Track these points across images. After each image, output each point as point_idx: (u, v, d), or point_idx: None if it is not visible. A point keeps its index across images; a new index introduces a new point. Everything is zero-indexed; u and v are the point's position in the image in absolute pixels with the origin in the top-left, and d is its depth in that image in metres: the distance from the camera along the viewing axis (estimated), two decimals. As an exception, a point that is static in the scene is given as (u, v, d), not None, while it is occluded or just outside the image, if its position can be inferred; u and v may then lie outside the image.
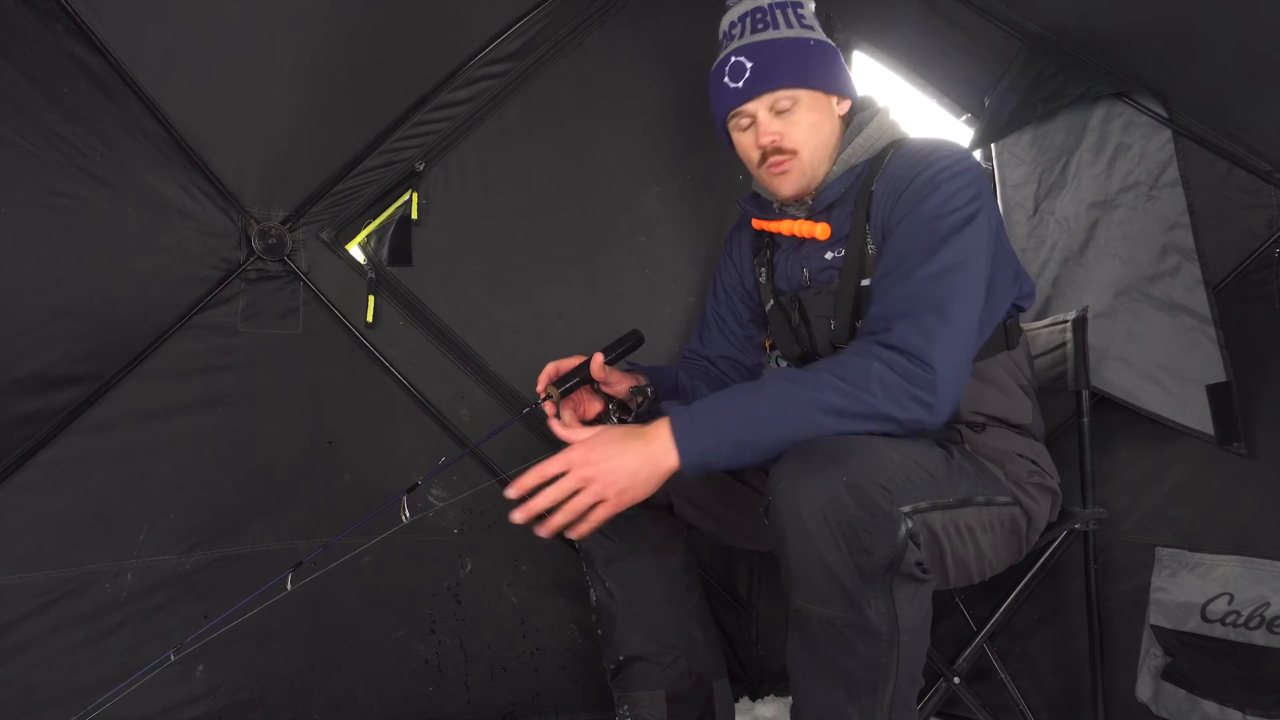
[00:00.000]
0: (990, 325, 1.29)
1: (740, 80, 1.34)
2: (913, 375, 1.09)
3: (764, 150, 1.35)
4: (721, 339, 1.66)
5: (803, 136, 1.34)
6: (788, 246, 1.48)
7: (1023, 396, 1.38)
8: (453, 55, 1.83)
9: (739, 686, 1.97)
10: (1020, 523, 1.29)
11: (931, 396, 1.10)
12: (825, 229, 1.37)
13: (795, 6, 1.38)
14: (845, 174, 1.36)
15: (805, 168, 1.35)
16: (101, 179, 1.54)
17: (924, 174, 1.24)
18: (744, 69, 1.33)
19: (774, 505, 1.03)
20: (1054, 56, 1.83)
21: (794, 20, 1.36)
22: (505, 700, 1.82)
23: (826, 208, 1.38)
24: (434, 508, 1.75)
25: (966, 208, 1.20)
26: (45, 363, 1.50)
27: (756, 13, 1.37)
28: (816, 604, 1.02)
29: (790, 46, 1.34)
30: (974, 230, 1.19)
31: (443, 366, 1.86)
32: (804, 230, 1.39)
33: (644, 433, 1.09)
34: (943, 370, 1.10)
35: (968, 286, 1.17)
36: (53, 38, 1.49)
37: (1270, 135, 1.62)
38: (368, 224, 1.83)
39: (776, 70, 1.32)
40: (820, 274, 1.40)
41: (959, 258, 1.17)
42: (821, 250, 1.39)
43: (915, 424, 1.11)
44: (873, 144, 1.37)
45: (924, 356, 1.10)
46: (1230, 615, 1.54)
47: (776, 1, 1.37)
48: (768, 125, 1.34)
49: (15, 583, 1.47)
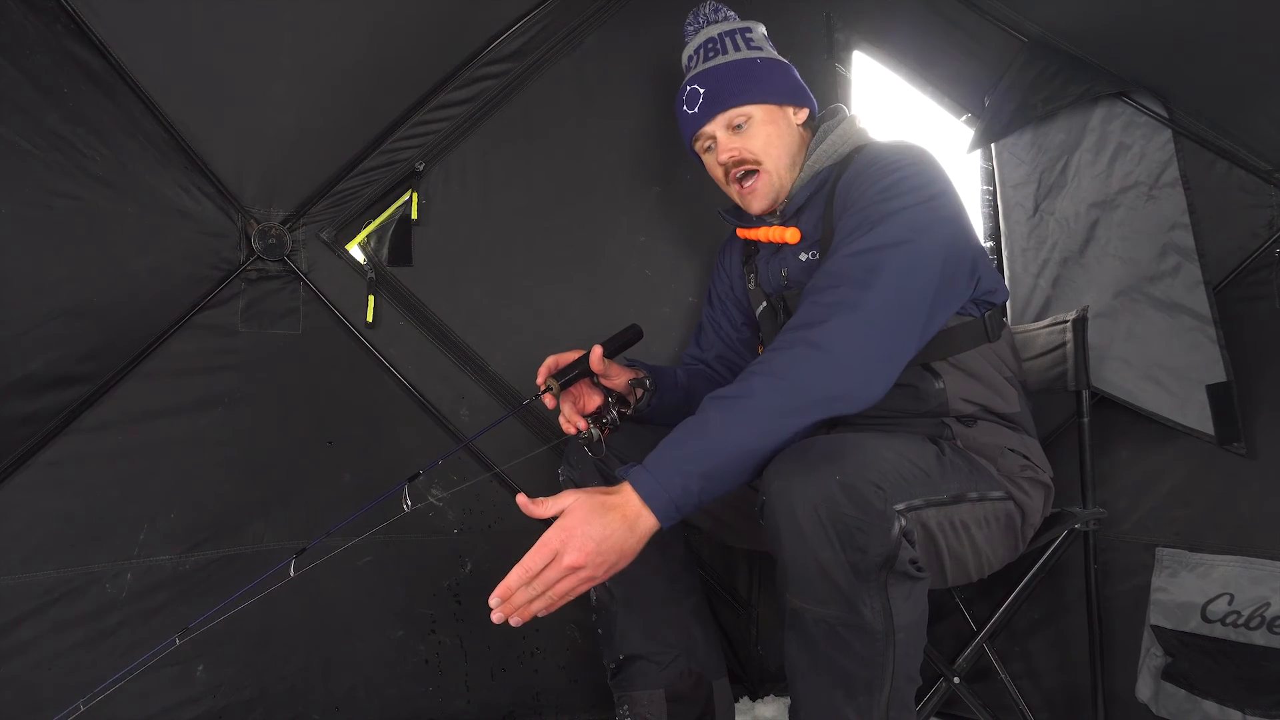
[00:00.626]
0: (943, 309, 1.24)
1: (696, 106, 1.45)
2: (833, 351, 1.07)
3: (727, 166, 1.44)
4: (718, 343, 1.71)
5: (761, 147, 1.42)
6: (767, 251, 1.54)
7: (1008, 388, 1.38)
8: (453, 55, 1.83)
9: (739, 686, 1.97)
10: (1015, 518, 1.30)
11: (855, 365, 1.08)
12: (795, 233, 1.42)
13: (744, 32, 1.50)
14: (811, 180, 1.42)
15: (772, 179, 1.43)
16: (101, 179, 1.54)
17: (874, 166, 1.28)
18: (698, 95, 1.45)
19: (768, 505, 1.03)
20: (1054, 56, 1.84)
21: (742, 44, 1.47)
22: (505, 700, 1.82)
23: (796, 212, 1.44)
24: (435, 504, 1.75)
25: (916, 193, 1.21)
26: (45, 363, 1.49)
27: (709, 43, 1.49)
28: (812, 603, 1.03)
29: (738, 67, 1.44)
30: (919, 211, 1.19)
31: (443, 366, 1.86)
32: (776, 236, 1.45)
33: (614, 502, 1.04)
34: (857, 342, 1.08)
35: (903, 262, 1.14)
36: (53, 38, 1.49)
37: (1270, 135, 1.62)
38: (368, 224, 1.83)
39: (727, 91, 1.43)
40: (797, 274, 1.44)
41: (897, 235, 1.16)
42: (796, 252, 1.44)
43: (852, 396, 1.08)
44: (837, 149, 1.42)
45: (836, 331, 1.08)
46: (1230, 615, 1.54)
47: (727, 30, 1.49)
48: (726, 143, 1.43)
49: (15, 583, 1.47)
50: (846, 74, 2.09)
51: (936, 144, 2.12)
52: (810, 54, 2.08)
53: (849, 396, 1.08)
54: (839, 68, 2.08)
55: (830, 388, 1.07)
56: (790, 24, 2.08)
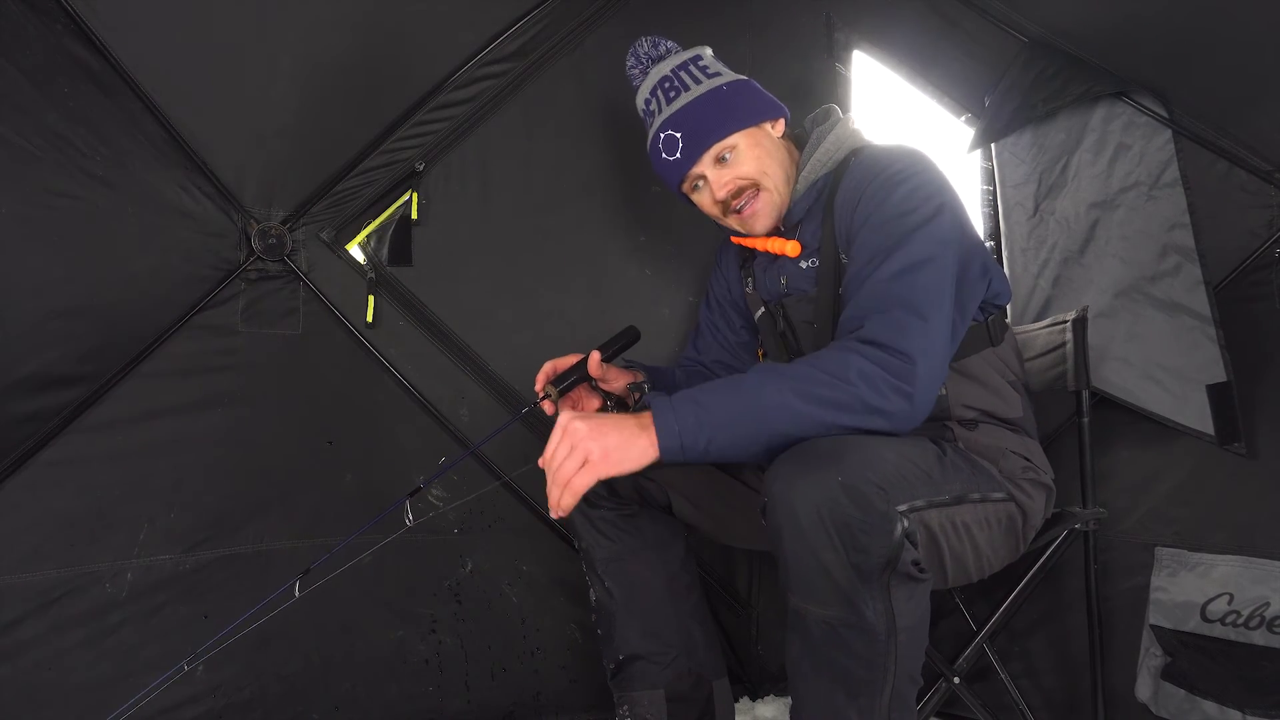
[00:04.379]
0: (964, 320, 1.28)
1: (676, 152, 1.39)
2: (891, 365, 1.09)
3: (726, 201, 1.39)
4: (716, 346, 1.69)
5: (755, 170, 1.38)
6: (764, 258, 1.51)
7: (1011, 392, 1.38)
8: (453, 55, 1.83)
9: (739, 686, 1.97)
10: (1016, 519, 1.30)
11: (910, 386, 1.09)
12: (795, 246, 1.40)
13: (695, 60, 1.43)
14: (809, 189, 1.39)
15: (772, 197, 1.39)
16: (101, 179, 1.54)
17: (879, 177, 1.26)
18: (676, 141, 1.39)
19: (770, 505, 1.03)
20: (1054, 56, 1.83)
21: (699, 74, 1.41)
22: (505, 700, 1.82)
23: (796, 224, 1.41)
24: (437, 509, 1.75)
25: (929, 203, 1.22)
26: (45, 363, 1.49)
27: (664, 83, 1.42)
28: (814, 604, 1.03)
29: (706, 100, 1.38)
30: (938, 225, 1.20)
31: (443, 366, 1.86)
32: (776, 248, 1.42)
33: (635, 416, 1.10)
34: (920, 359, 1.10)
35: (935, 280, 1.17)
36: (53, 38, 1.49)
37: (1270, 135, 1.62)
38: (368, 224, 1.83)
39: (705, 127, 1.37)
40: (798, 282, 1.43)
41: (925, 252, 1.17)
42: (796, 260, 1.42)
43: (897, 415, 1.10)
44: (831, 155, 1.40)
45: (899, 347, 1.10)
46: (1230, 615, 1.54)
47: (677, 64, 1.43)
48: (719, 179, 1.38)
49: (15, 583, 1.47)
50: (846, 74, 2.09)
51: (937, 144, 2.12)
52: (810, 54, 2.08)
53: (893, 414, 1.10)
54: (839, 68, 2.08)
55: (880, 401, 1.08)
56: (790, 24, 2.08)
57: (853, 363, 1.08)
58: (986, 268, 1.33)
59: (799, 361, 1.13)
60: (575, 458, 1.05)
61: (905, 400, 1.09)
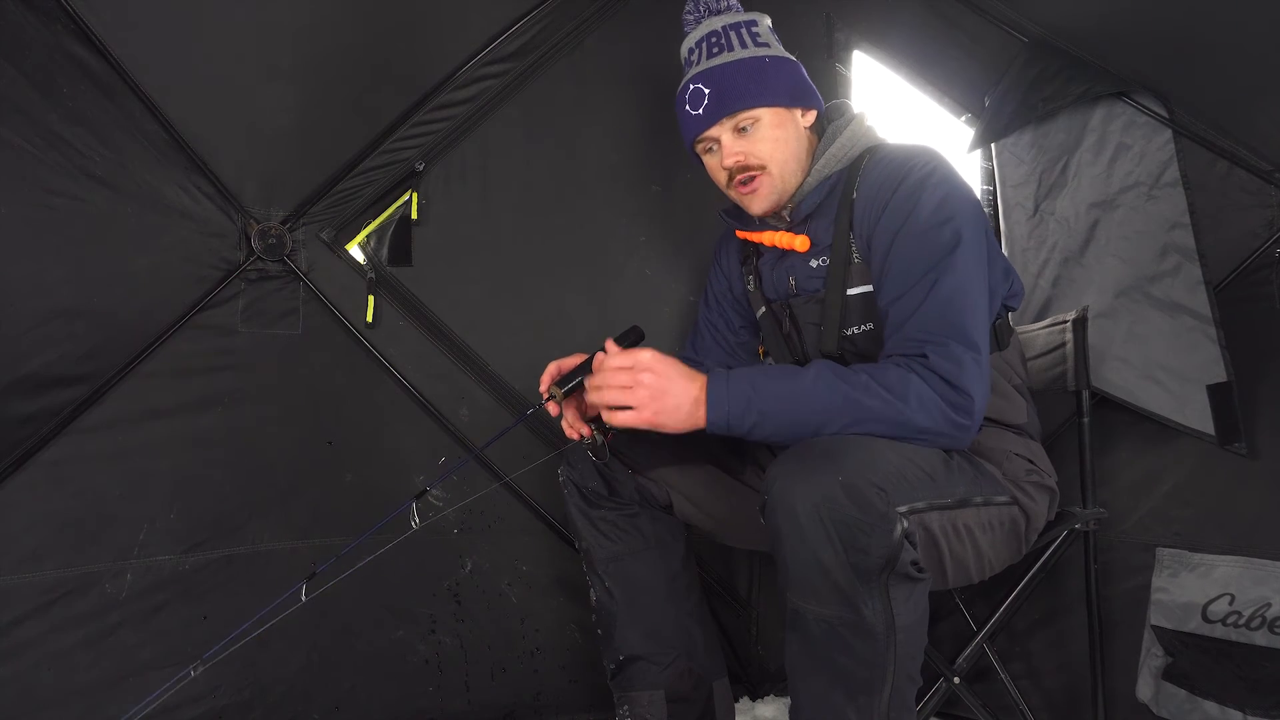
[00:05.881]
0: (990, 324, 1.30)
1: (700, 107, 1.36)
2: (950, 397, 1.13)
3: (730, 171, 1.37)
4: (715, 346, 1.66)
5: (768, 152, 1.35)
6: (772, 256, 1.49)
7: (1017, 396, 1.38)
8: (453, 55, 1.83)
9: (739, 686, 1.97)
10: (1019, 522, 1.29)
11: (969, 420, 1.15)
12: (805, 241, 1.38)
13: (749, 25, 1.40)
14: (821, 184, 1.37)
15: (775, 183, 1.36)
16: (101, 179, 1.54)
17: (905, 184, 1.26)
18: (703, 95, 1.35)
19: (769, 505, 1.03)
20: (1054, 56, 1.83)
21: (749, 40, 1.38)
22: (505, 700, 1.82)
23: (805, 219, 1.39)
24: (441, 511, 1.75)
25: (958, 216, 1.22)
26: (45, 363, 1.49)
27: (712, 36, 1.38)
28: (813, 604, 1.03)
29: (746, 67, 1.35)
30: (970, 240, 1.22)
31: (443, 366, 1.86)
32: (784, 242, 1.40)
33: (696, 379, 1.16)
34: (977, 395, 1.15)
35: (978, 302, 1.21)
36: (53, 38, 1.49)
37: (1270, 135, 1.62)
38: (368, 224, 1.83)
39: (734, 93, 1.34)
40: (807, 282, 1.41)
41: (965, 273, 1.20)
42: (806, 259, 1.40)
43: (948, 439, 1.16)
44: (846, 152, 1.38)
45: (959, 384, 1.14)
46: (1231, 616, 1.53)
47: (731, 23, 1.39)
48: (731, 147, 1.35)
49: (15, 583, 1.47)
50: (846, 74, 2.09)
51: (936, 144, 2.11)
52: (810, 54, 2.07)
53: (944, 437, 1.16)
54: (839, 68, 2.08)
55: (931, 424, 1.13)
56: (790, 24, 2.06)
57: (913, 385, 1.12)
58: (1007, 270, 1.36)
59: (859, 368, 1.16)
60: (627, 395, 1.13)
61: (963, 431, 1.16)
